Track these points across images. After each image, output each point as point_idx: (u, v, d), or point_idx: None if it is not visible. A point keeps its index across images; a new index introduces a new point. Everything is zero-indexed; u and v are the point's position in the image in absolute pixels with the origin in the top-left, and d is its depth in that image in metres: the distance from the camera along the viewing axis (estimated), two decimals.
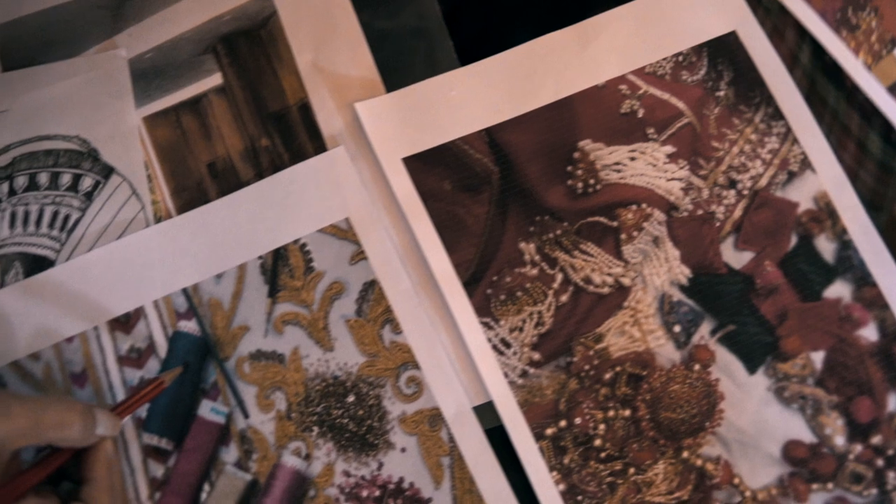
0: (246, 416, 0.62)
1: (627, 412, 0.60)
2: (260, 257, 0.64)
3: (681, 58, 0.65)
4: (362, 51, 0.66)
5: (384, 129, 0.62)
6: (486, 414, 0.62)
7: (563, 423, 0.61)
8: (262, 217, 0.65)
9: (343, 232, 0.64)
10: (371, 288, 0.64)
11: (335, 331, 0.63)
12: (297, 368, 0.63)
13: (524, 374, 0.62)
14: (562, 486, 0.60)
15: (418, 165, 0.62)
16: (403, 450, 0.62)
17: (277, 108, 0.66)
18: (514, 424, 0.60)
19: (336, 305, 0.64)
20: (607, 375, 0.61)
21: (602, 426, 0.60)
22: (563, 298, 0.62)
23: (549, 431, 0.61)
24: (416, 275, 0.64)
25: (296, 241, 0.64)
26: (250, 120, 0.66)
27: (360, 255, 0.64)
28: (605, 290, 0.63)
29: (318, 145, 0.66)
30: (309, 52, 0.67)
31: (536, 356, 0.62)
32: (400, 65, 0.67)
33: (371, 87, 0.66)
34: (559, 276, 0.63)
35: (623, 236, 0.63)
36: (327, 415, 0.62)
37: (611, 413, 0.60)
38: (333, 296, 0.64)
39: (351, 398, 0.62)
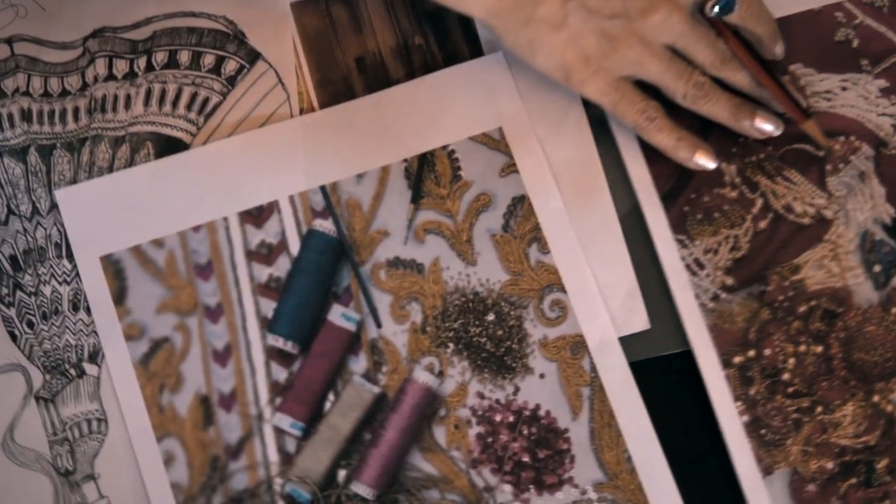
0: (378, 325, 0.59)
1: (819, 349, 0.58)
2: (405, 160, 0.61)
3: None
4: None
5: None
6: (632, 346, 0.60)
7: (751, 353, 0.58)
8: (410, 119, 0.62)
9: (495, 142, 0.61)
10: (520, 203, 0.60)
11: (479, 244, 0.60)
12: (436, 280, 0.60)
13: (715, 297, 0.59)
14: (745, 418, 0.57)
15: None
16: (542, 376, 0.59)
17: (434, 6, 0.63)
18: (701, 348, 0.58)
19: (482, 218, 0.60)
20: (801, 308, 0.59)
21: (792, 360, 0.58)
22: (762, 225, 0.60)
23: (736, 360, 0.58)
24: (569, 193, 0.60)
25: (444, 147, 0.61)
26: (404, 15, 0.63)
27: (511, 168, 0.61)
28: (806, 220, 0.60)
29: (474, 49, 0.63)
30: None
31: (730, 281, 0.59)
32: None
33: None
34: (759, 202, 0.61)
35: (828, 167, 0.61)
36: (465, 332, 0.59)
37: (802, 348, 0.58)
38: (480, 208, 0.60)
39: (491, 317, 0.59)
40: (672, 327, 0.60)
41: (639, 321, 0.60)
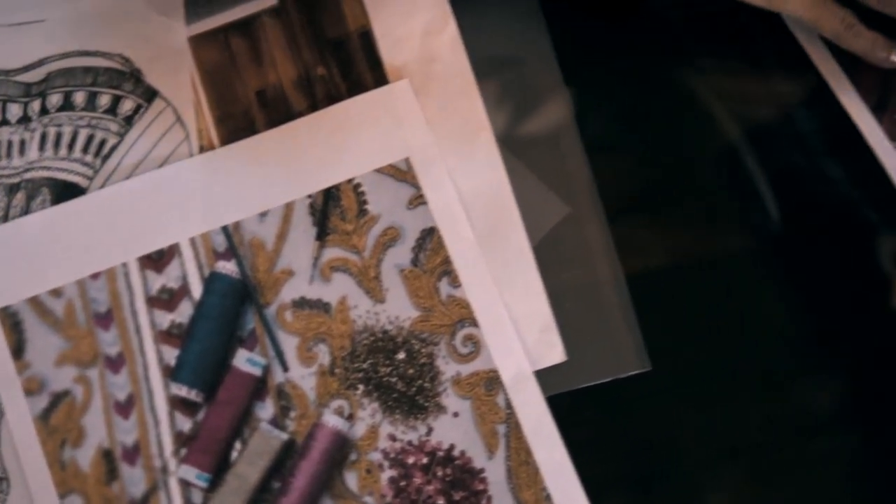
0: (285, 368, 0.58)
1: None
2: (309, 196, 0.59)
3: None
4: None
5: None
6: (548, 379, 0.57)
7: None
8: (314, 152, 0.60)
9: (402, 173, 0.59)
10: (429, 236, 0.59)
11: (387, 281, 0.58)
12: (343, 320, 0.58)
13: None
14: None
15: None
16: (456, 414, 0.57)
17: (336, 34, 0.61)
18: None
19: (390, 253, 0.59)
20: None
21: None
22: None
23: None
24: (480, 224, 0.59)
25: (349, 181, 0.59)
26: (306, 46, 0.62)
27: (419, 200, 0.59)
28: None
29: (378, 77, 0.61)
30: None
31: None
32: None
33: (441, 18, 0.61)
34: None
35: None
36: (374, 372, 0.57)
37: None
38: (388, 242, 0.59)
39: (401, 355, 0.58)
40: (591, 358, 0.58)
41: (555, 354, 0.59)
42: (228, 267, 0.60)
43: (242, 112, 0.62)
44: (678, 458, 0.59)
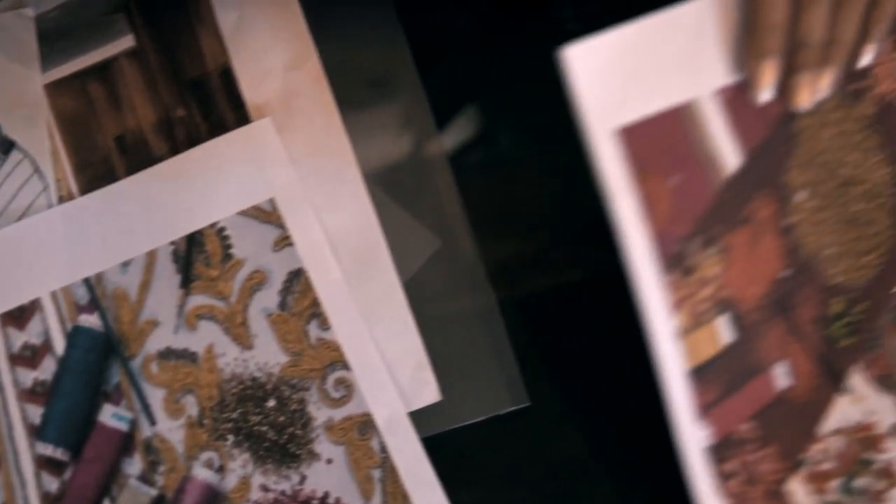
0: (152, 422, 0.56)
1: None
2: (172, 243, 0.58)
3: None
4: (293, 8, 0.60)
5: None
6: (423, 420, 0.56)
7: None
8: (176, 198, 0.59)
9: (267, 214, 0.58)
10: (297, 278, 0.57)
11: (255, 326, 0.57)
12: (210, 369, 0.57)
13: None
14: None
15: None
16: (329, 461, 0.56)
17: (196, 74, 0.60)
18: None
19: (257, 298, 0.57)
20: None
21: None
22: None
23: None
24: (349, 263, 0.57)
25: (213, 225, 0.58)
26: (165, 88, 0.60)
27: (285, 241, 0.58)
28: None
29: (240, 116, 0.60)
30: (233, 10, 0.60)
31: None
32: (332, 22, 0.60)
33: (302, 52, 0.59)
34: None
35: None
36: (244, 421, 0.56)
37: None
38: (254, 286, 0.57)
39: (271, 403, 0.56)
40: (467, 396, 0.57)
41: (429, 393, 0.57)
42: (91, 320, 0.58)
43: (102, 159, 0.60)
44: (561, 494, 0.57)
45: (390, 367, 0.57)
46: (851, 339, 0.54)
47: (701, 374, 0.51)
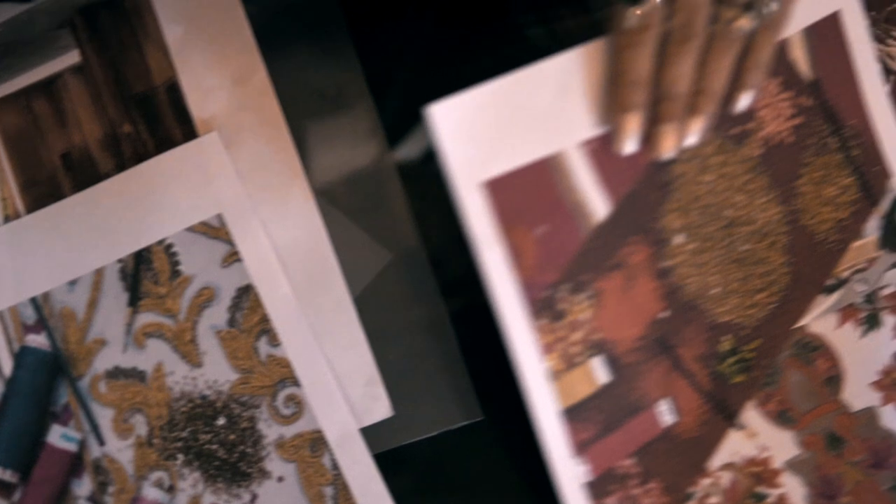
0: (101, 442, 0.56)
1: None
2: (120, 260, 0.57)
3: None
4: (239, 22, 0.59)
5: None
6: (375, 436, 0.55)
7: None
8: (123, 215, 0.58)
9: (215, 230, 0.57)
10: (246, 294, 0.57)
11: (204, 344, 0.56)
12: (160, 387, 0.56)
13: None
14: None
15: None
16: (280, 479, 0.55)
17: (142, 89, 0.59)
18: None
19: (206, 315, 0.57)
20: None
21: None
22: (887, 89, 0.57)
23: None
24: (298, 279, 0.57)
25: (160, 242, 0.58)
26: (111, 103, 0.60)
27: (233, 257, 0.57)
28: None
29: (187, 131, 0.59)
30: (179, 24, 0.60)
31: None
32: (282, 36, 0.60)
33: (250, 66, 0.59)
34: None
35: None
36: (194, 440, 0.56)
37: None
38: (203, 303, 0.57)
39: (221, 421, 0.56)
40: (419, 411, 0.57)
41: (381, 409, 0.57)
42: (39, 340, 0.58)
43: (48, 177, 0.60)
44: None
45: (341, 383, 0.57)
46: (744, 376, 0.54)
47: (576, 413, 0.52)
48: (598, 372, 0.53)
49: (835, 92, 0.56)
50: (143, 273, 0.58)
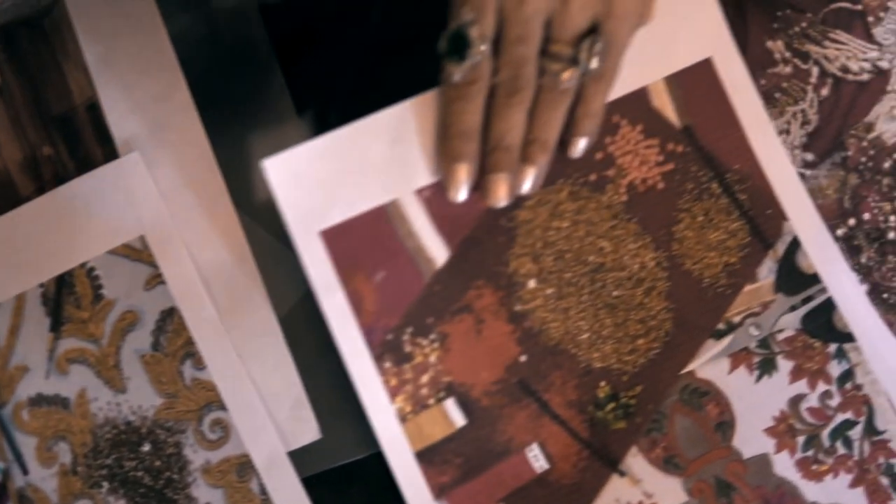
0: (25, 471, 0.55)
1: None
2: (41, 285, 0.57)
3: None
4: (161, 40, 0.58)
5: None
6: (303, 460, 0.55)
7: (852, 222, 0.57)
8: (44, 238, 0.57)
9: (137, 252, 0.57)
10: (170, 317, 0.56)
11: (128, 369, 0.56)
12: (83, 414, 0.55)
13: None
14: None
15: None
16: None
17: (62, 109, 0.58)
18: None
19: (129, 339, 0.56)
20: (886, 164, 0.58)
21: (893, 217, 0.57)
22: (824, 92, 0.58)
23: (839, 232, 0.57)
24: (223, 300, 0.56)
25: (82, 265, 0.57)
26: (30, 125, 0.59)
27: (156, 279, 0.56)
28: (865, 76, 0.58)
29: (108, 151, 0.58)
30: (99, 43, 0.59)
31: (809, 157, 0.58)
32: (203, 54, 0.59)
33: (171, 83, 0.58)
34: (815, 70, 0.58)
35: (870, 19, 0.59)
36: (119, 467, 0.55)
37: None
38: (126, 327, 0.56)
39: (146, 447, 0.55)
40: (348, 433, 0.56)
41: (309, 432, 0.56)
42: None
43: None
44: None
45: (268, 406, 0.56)
46: (624, 423, 0.54)
47: (431, 456, 0.52)
48: (454, 414, 0.53)
49: (712, 137, 0.56)
50: (65, 297, 0.57)
